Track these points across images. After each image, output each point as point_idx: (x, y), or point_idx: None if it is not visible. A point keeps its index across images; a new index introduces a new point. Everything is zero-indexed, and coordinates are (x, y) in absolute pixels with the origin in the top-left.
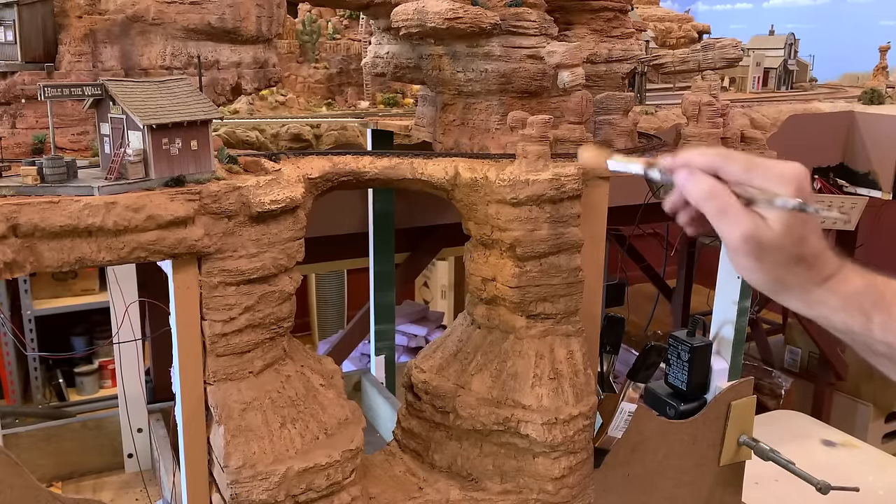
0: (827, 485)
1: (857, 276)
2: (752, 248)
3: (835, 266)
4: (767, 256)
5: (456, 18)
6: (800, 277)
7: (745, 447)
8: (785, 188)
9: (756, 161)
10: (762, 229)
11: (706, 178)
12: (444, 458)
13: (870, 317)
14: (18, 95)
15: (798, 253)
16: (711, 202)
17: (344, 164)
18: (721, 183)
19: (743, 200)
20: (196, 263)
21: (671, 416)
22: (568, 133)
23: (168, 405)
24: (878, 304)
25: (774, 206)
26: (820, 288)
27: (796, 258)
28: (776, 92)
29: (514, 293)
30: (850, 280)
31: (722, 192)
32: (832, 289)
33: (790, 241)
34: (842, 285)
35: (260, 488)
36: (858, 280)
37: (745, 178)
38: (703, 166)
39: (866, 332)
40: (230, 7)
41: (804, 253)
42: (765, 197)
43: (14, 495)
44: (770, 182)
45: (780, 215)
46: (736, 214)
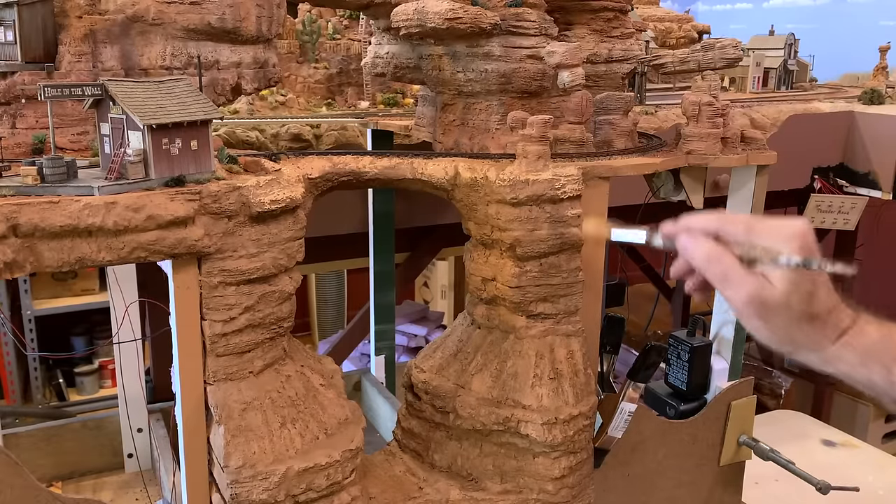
0: (827, 485)
1: (873, 327)
2: (757, 310)
3: (849, 320)
4: (774, 317)
5: (456, 18)
6: (812, 336)
7: (745, 447)
8: (788, 246)
9: (757, 221)
10: (766, 290)
11: (706, 243)
12: (444, 458)
13: (891, 370)
14: (18, 95)
15: (807, 311)
16: (713, 266)
17: (344, 164)
18: (722, 246)
19: (746, 262)
20: (196, 263)
21: (671, 416)
22: (568, 133)
23: (168, 405)
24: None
25: (778, 264)
26: (835, 345)
27: (806, 316)
28: (776, 92)
29: (514, 293)
30: (865, 333)
31: (723, 255)
32: (848, 344)
33: (797, 299)
34: (858, 339)
35: (260, 488)
36: (875, 332)
37: (747, 239)
38: (703, 230)
39: (889, 384)
40: (230, 7)
41: (814, 311)
42: (767, 256)
43: (14, 495)
44: (773, 241)
45: (784, 274)
46: (738, 277)
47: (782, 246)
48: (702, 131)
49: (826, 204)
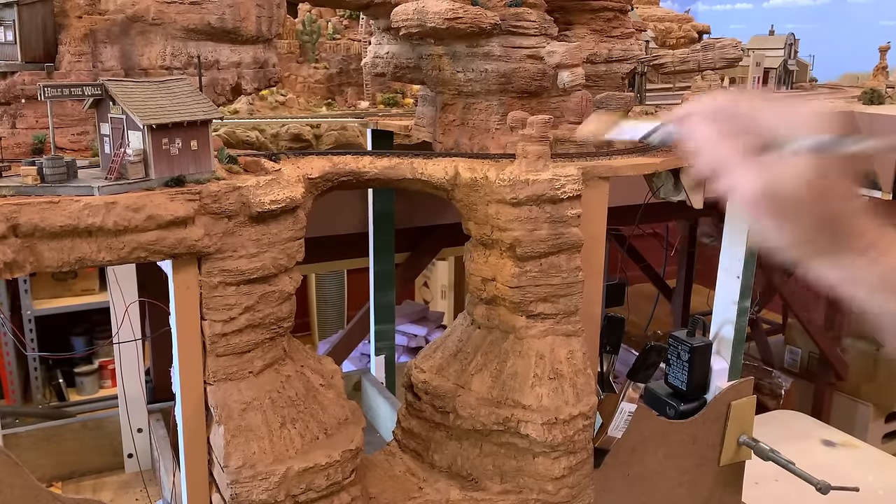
0: (827, 485)
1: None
2: (767, 205)
3: (874, 235)
4: (786, 213)
5: (456, 18)
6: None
7: (745, 447)
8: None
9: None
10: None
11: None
12: (444, 458)
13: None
14: (18, 95)
15: (825, 211)
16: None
17: (344, 164)
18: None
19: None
20: (196, 263)
21: (671, 416)
22: (568, 133)
23: (168, 405)
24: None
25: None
26: (858, 258)
27: (824, 217)
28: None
29: (514, 293)
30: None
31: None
32: (875, 260)
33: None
34: (884, 258)
35: (260, 488)
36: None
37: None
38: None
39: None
40: (230, 7)
41: (833, 213)
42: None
43: (14, 495)
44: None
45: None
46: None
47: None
48: None
49: None
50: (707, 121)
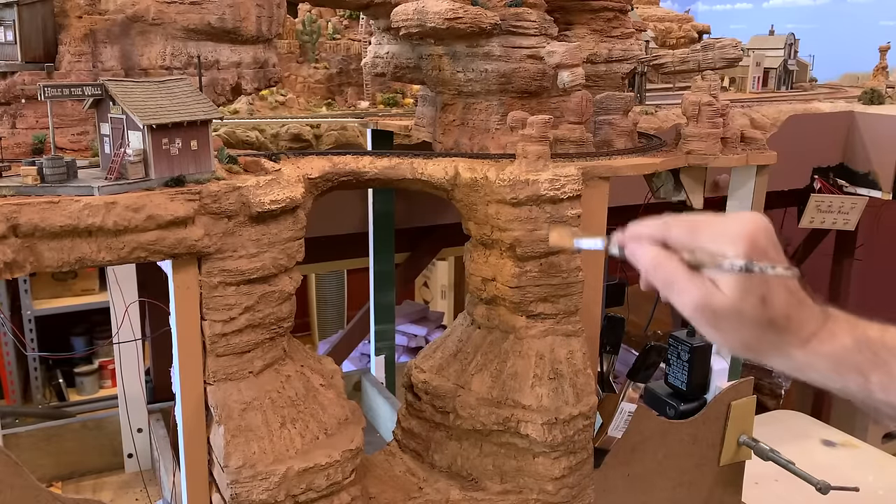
0: (827, 485)
1: (846, 330)
2: (706, 318)
3: (815, 324)
4: (726, 324)
5: (456, 18)
6: (772, 342)
7: (745, 447)
8: (734, 248)
9: (701, 221)
10: (714, 297)
11: (650, 250)
12: (444, 458)
13: (867, 377)
14: (18, 95)
15: (762, 317)
16: (658, 273)
17: (344, 164)
18: (668, 251)
19: (694, 268)
20: (196, 263)
21: (671, 416)
22: (568, 133)
23: (168, 405)
24: (875, 362)
25: (723, 270)
26: (802, 350)
27: (762, 322)
28: (776, 92)
29: (514, 293)
30: (836, 337)
31: (666, 261)
32: (816, 351)
33: (749, 304)
34: (826, 345)
35: (260, 488)
36: (847, 336)
37: (692, 242)
38: (649, 237)
39: (865, 393)
40: (230, 7)
41: (770, 316)
42: (712, 260)
43: (14, 495)
44: (717, 242)
45: (731, 278)
46: (684, 284)
47: (727, 248)
48: (702, 131)
49: (826, 204)
50: (648, 242)
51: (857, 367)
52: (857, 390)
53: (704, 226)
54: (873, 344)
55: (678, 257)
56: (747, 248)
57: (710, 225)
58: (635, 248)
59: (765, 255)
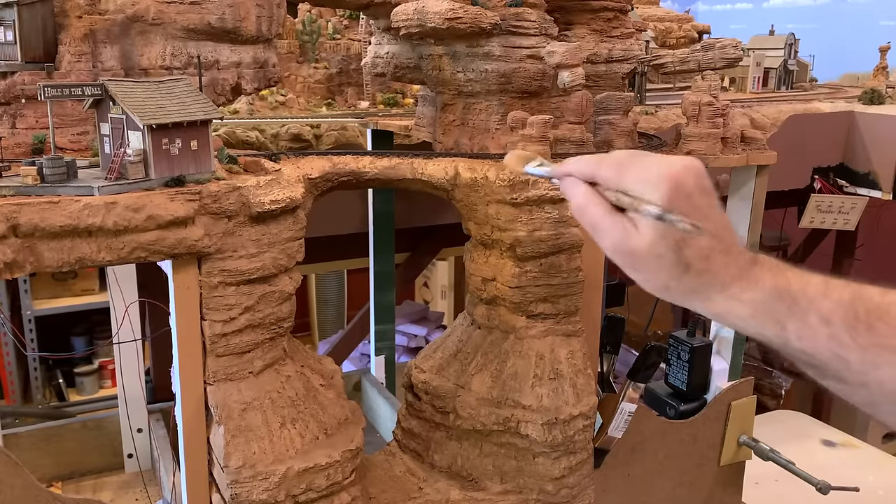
0: (827, 485)
1: (769, 277)
2: (625, 259)
3: (736, 270)
4: (645, 266)
5: (456, 18)
6: (691, 285)
7: (745, 447)
8: (656, 191)
9: (629, 162)
10: (632, 239)
11: (578, 188)
12: (444, 458)
13: (784, 326)
14: (18, 95)
15: (680, 260)
16: (583, 214)
17: (344, 164)
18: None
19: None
20: (196, 263)
21: (671, 416)
22: (568, 133)
23: (168, 405)
24: (792, 310)
25: (640, 213)
26: (721, 295)
27: (680, 265)
28: (776, 92)
29: (514, 293)
30: (758, 284)
31: (591, 201)
32: (735, 296)
33: (665, 247)
34: (747, 292)
35: (260, 488)
36: (768, 284)
37: (618, 183)
38: (579, 174)
39: (782, 342)
40: (230, 7)
41: (688, 259)
42: (633, 204)
43: (14, 495)
44: (642, 185)
45: (650, 222)
46: (605, 225)
47: (650, 190)
48: (702, 131)
49: (826, 204)
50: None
51: (775, 316)
52: (774, 337)
53: (631, 166)
54: (794, 293)
55: (604, 198)
56: (670, 192)
57: (637, 165)
58: (567, 184)
59: (689, 200)
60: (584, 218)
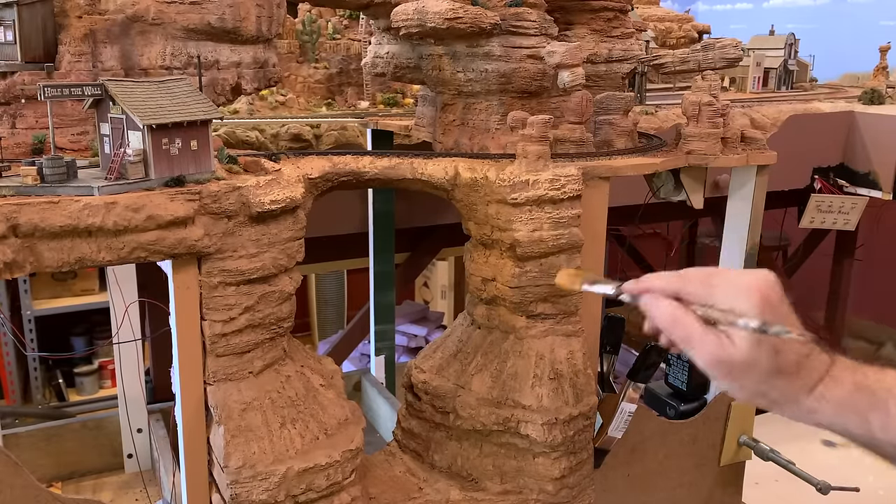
0: (827, 485)
1: (848, 375)
2: (722, 371)
3: (822, 369)
4: (741, 376)
5: (456, 18)
6: (784, 390)
7: (745, 447)
8: (746, 303)
9: (715, 278)
10: (729, 350)
11: (667, 305)
12: (444, 459)
13: (866, 419)
14: (18, 95)
15: (774, 367)
16: (675, 329)
17: (344, 164)
18: (683, 306)
19: (709, 321)
20: (196, 263)
21: (671, 417)
22: (568, 133)
23: (168, 405)
24: (874, 403)
25: (737, 327)
26: (809, 397)
27: (774, 372)
28: (776, 92)
29: (514, 293)
30: (840, 382)
31: (683, 317)
32: (822, 396)
33: (762, 356)
34: (832, 390)
35: (260, 488)
36: (848, 381)
37: (707, 298)
38: (664, 290)
39: (867, 434)
40: (230, 7)
41: (781, 365)
42: (727, 318)
43: (14, 495)
44: (731, 299)
45: (745, 334)
46: (700, 338)
47: (740, 303)
48: (702, 131)
49: (826, 204)
50: (663, 296)
51: (857, 409)
52: (859, 432)
53: (718, 281)
54: (872, 385)
55: (693, 312)
56: (761, 304)
57: (723, 280)
58: (651, 301)
59: (776, 310)
60: (677, 331)
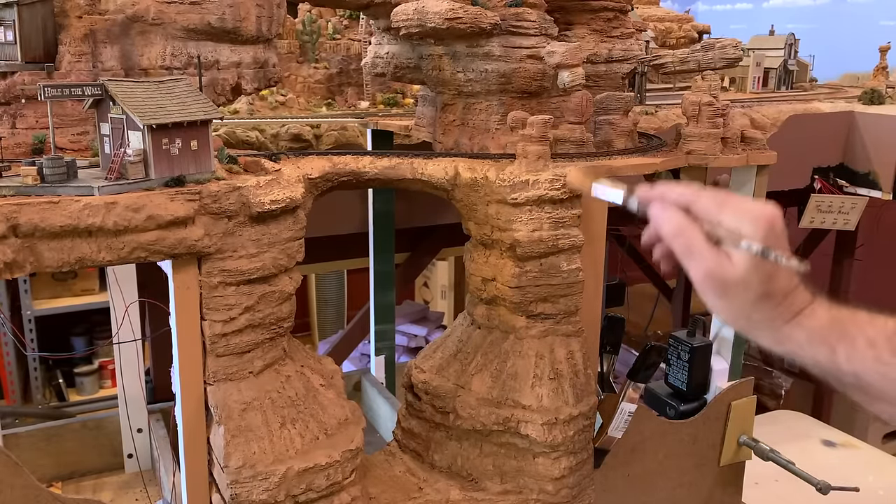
0: (827, 485)
1: (824, 310)
2: (715, 287)
3: (803, 303)
4: (731, 295)
5: (456, 18)
6: (767, 314)
7: (745, 447)
8: (753, 228)
9: (728, 199)
10: (726, 268)
11: (676, 215)
12: (444, 458)
13: (834, 349)
14: (18, 95)
15: (765, 290)
16: (679, 239)
17: (344, 164)
18: (691, 220)
19: (712, 239)
20: (196, 263)
21: (671, 417)
22: (568, 133)
23: (168, 405)
24: (843, 336)
25: (740, 248)
26: (788, 325)
27: (763, 295)
28: (776, 92)
29: (514, 293)
30: (816, 315)
31: (689, 229)
32: (799, 324)
33: (756, 280)
34: (809, 320)
35: (260, 488)
36: (824, 314)
37: (716, 216)
38: (676, 201)
39: (832, 364)
40: (230, 7)
41: (772, 290)
42: (731, 238)
43: (14, 495)
44: (740, 221)
45: (745, 256)
46: (700, 253)
47: (748, 228)
48: (702, 131)
49: (826, 204)
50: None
51: (828, 341)
52: (825, 360)
53: (729, 203)
54: (845, 321)
55: (700, 227)
56: (766, 231)
57: (734, 203)
58: (660, 210)
59: (778, 240)
60: (680, 241)
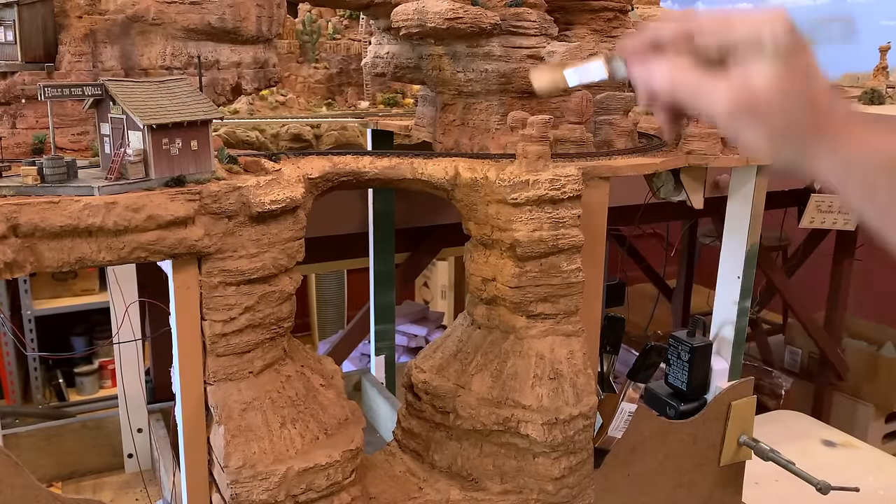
0: (827, 485)
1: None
2: (745, 111)
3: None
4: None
5: (456, 18)
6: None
7: (745, 447)
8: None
9: (730, 14)
10: (754, 80)
11: (661, 67)
12: (444, 458)
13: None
14: (18, 95)
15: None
16: (679, 88)
17: (344, 164)
18: (679, 58)
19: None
20: (196, 263)
21: (671, 416)
22: (568, 133)
23: (168, 405)
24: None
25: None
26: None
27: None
28: None
29: (514, 293)
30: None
31: (683, 73)
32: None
33: (796, 79)
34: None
35: (260, 488)
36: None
37: (728, 36)
38: (674, 42)
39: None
40: (230, 7)
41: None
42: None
43: (14, 495)
44: (754, 28)
45: (771, 61)
46: (712, 86)
47: (765, 29)
48: (702, 131)
49: (826, 204)
50: (654, 50)
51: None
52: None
53: (734, 16)
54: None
55: (691, 61)
56: (785, 26)
57: (740, 15)
58: (643, 71)
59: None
60: (683, 88)
